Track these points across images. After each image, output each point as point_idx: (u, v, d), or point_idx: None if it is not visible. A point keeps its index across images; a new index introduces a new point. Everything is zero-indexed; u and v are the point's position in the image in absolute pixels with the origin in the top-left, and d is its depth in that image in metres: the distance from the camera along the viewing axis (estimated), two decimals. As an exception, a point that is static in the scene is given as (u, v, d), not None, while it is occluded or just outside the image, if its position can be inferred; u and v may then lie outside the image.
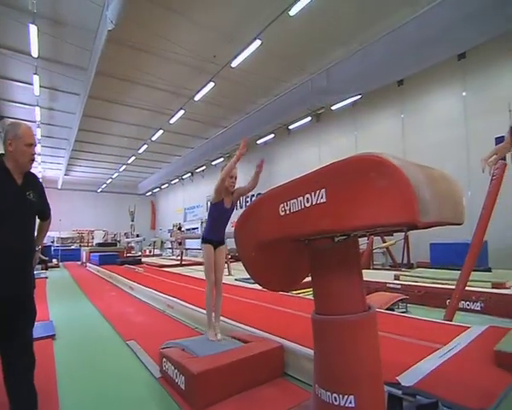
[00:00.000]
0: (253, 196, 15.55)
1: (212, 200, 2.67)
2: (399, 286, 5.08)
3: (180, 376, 2.10)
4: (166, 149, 17.96)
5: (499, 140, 6.61)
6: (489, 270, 6.03)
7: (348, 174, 1.03)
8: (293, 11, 6.99)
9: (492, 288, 4.24)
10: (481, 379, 1.79)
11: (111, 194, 25.99)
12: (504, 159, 3.83)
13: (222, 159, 17.72)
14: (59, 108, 12.75)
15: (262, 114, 12.18)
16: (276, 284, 1.69)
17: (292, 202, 1.17)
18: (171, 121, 13.37)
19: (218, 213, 2.67)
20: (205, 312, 3.55)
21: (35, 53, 8.18)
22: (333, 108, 10.86)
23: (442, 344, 2.29)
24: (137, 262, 11.02)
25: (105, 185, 24.85)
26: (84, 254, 14.39)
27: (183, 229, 17.65)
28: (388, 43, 7.59)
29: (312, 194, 1.10)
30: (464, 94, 8.26)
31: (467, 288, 3.62)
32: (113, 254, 11.81)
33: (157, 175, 22.99)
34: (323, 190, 1.07)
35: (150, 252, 17.96)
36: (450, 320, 3.33)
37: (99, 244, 15.14)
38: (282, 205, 1.22)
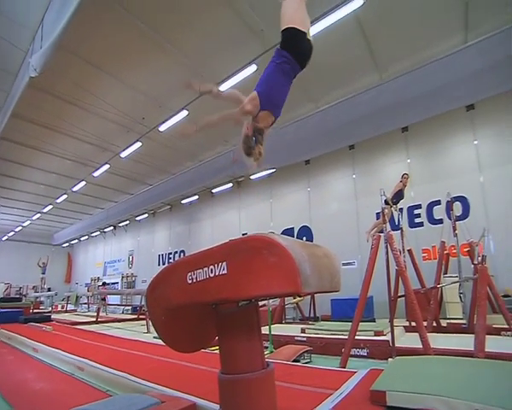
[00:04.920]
0: (177, 252, 15.05)
1: None
2: (305, 338, 5.28)
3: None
4: (88, 201, 16.37)
5: (378, 215, 7.80)
6: (374, 320, 6.72)
7: (245, 250, 1.15)
8: (221, 88, 7.56)
9: (374, 335, 4.72)
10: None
11: (19, 243, 22.15)
12: (382, 231, 4.53)
13: (146, 215, 16.99)
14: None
15: (187, 176, 12.30)
16: (185, 346, 1.69)
17: (198, 271, 1.25)
18: (95, 174, 12.40)
19: None
20: (120, 374, 3.13)
21: None
22: (251, 177, 11.53)
23: (335, 389, 2.44)
24: (46, 319, 9.32)
25: (13, 233, 21.20)
26: (-26, 312, 11.70)
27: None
28: (297, 129, 8.68)
29: (216, 266, 1.19)
30: (354, 176, 9.62)
31: (356, 337, 3.99)
32: (15, 311, 9.77)
33: (76, 226, 20.76)
34: (225, 263, 1.17)
35: (63, 307, 15.49)
36: (344, 367, 3.59)
37: (-2, 299, 12.54)
38: (189, 274, 1.28)
